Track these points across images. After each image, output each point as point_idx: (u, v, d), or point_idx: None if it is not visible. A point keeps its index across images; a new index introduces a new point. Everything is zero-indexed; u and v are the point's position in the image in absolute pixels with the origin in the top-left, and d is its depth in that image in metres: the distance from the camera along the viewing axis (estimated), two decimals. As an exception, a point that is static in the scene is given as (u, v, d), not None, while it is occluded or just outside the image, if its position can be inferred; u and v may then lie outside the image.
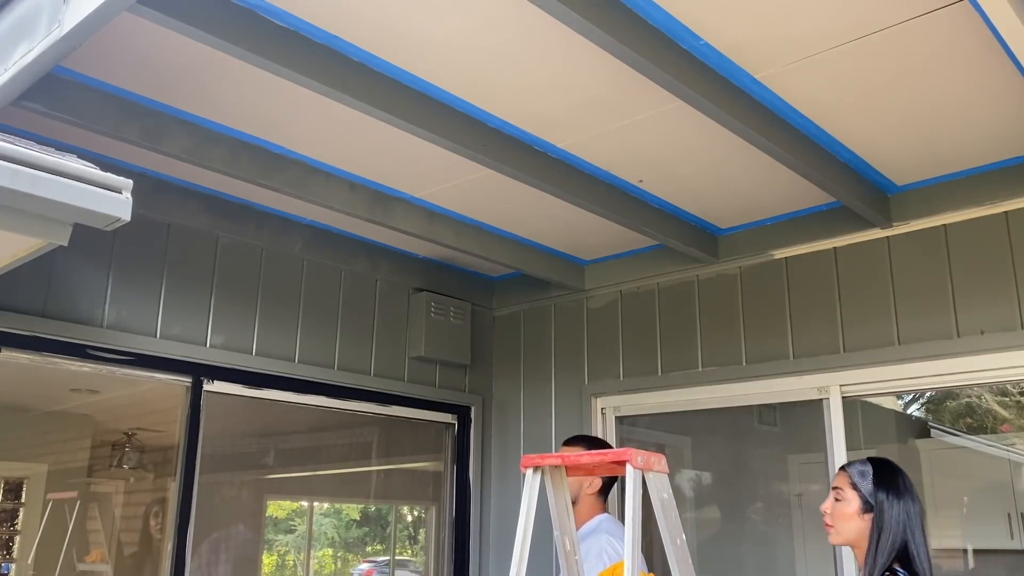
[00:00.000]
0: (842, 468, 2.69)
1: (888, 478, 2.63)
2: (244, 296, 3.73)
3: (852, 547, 2.66)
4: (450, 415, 4.52)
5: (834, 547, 3.36)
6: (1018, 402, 5.50)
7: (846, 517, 2.60)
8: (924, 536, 2.54)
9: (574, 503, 3.30)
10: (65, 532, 4.77)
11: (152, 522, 4.47)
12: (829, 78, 2.57)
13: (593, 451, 2.46)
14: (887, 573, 2.46)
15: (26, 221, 1.76)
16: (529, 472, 2.57)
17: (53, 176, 1.71)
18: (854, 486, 2.62)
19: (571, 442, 3.49)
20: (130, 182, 1.82)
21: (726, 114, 2.57)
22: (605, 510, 3.44)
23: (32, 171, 1.68)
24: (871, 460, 2.67)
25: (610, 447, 3.63)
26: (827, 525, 2.65)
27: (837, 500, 2.64)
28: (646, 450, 2.44)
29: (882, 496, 2.57)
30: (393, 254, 4.25)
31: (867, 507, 2.57)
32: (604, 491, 3.33)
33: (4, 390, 4.07)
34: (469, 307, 4.52)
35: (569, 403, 4.30)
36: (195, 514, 3.44)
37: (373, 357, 4.19)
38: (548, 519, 2.65)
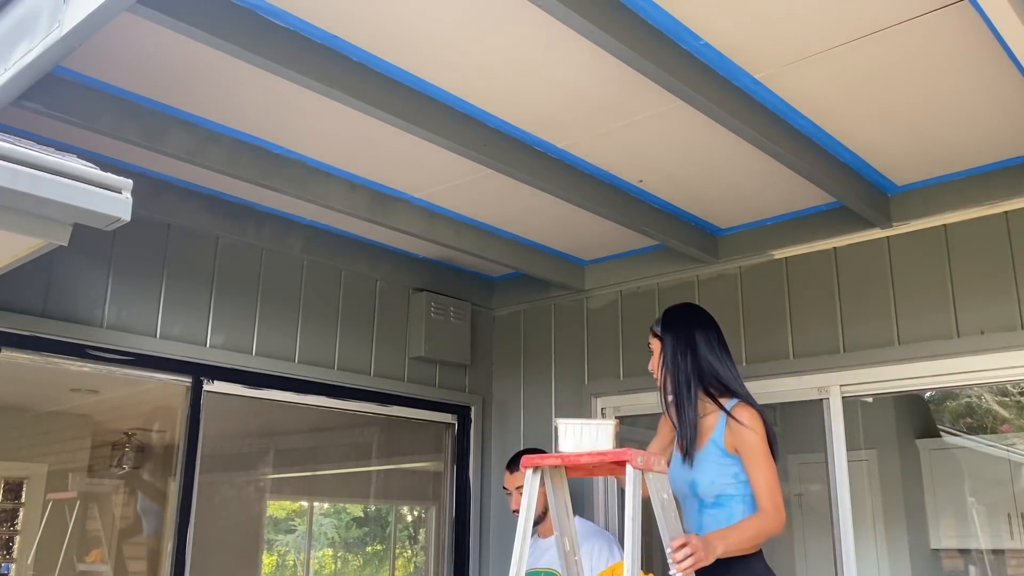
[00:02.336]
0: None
1: (671, 316, 2.91)
2: (244, 296, 3.73)
3: None
4: (450, 415, 4.52)
5: (834, 546, 3.36)
6: (1018, 402, 5.50)
7: (659, 364, 2.87)
8: (723, 354, 2.80)
9: (544, 513, 3.36)
10: (65, 532, 4.77)
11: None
12: (829, 78, 2.57)
13: (593, 451, 2.46)
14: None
15: (26, 221, 1.76)
16: (529, 472, 2.57)
17: (53, 176, 1.71)
18: (654, 333, 2.92)
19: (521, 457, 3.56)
20: (130, 182, 1.82)
21: (726, 114, 2.57)
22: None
23: (32, 171, 1.68)
24: (668, 308, 2.97)
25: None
26: (657, 381, 2.90)
27: (651, 352, 2.92)
28: (646, 450, 2.45)
29: (668, 329, 2.85)
30: (393, 254, 4.25)
31: (663, 344, 2.86)
32: None
33: (4, 390, 4.07)
34: (469, 307, 4.52)
35: (569, 403, 4.30)
36: (195, 514, 3.44)
37: (373, 357, 4.19)
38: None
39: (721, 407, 2.70)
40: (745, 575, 2.57)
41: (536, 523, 3.44)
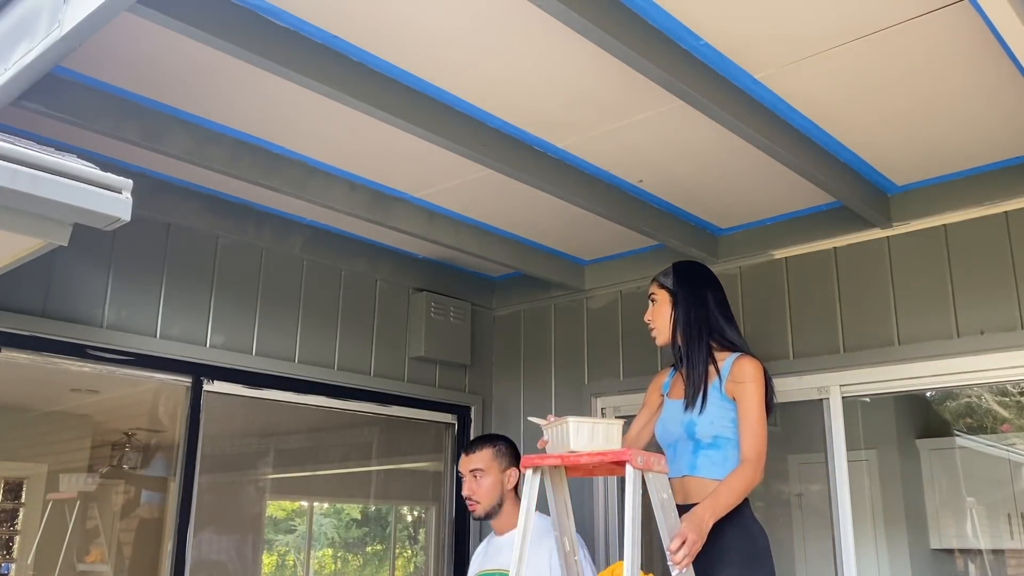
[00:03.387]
0: (652, 279, 3.01)
1: (685, 271, 2.97)
2: (244, 296, 3.73)
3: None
4: (450, 415, 4.52)
5: (834, 546, 3.36)
6: (1018, 402, 5.50)
7: (662, 314, 2.94)
8: (728, 311, 2.92)
9: (500, 505, 3.23)
10: (65, 532, 4.77)
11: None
12: (829, 78, 2.57)
13: (592, 451, 2.46)
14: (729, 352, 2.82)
15: (26, 221, 1.76)
16: (529, 472, 2.57)
17: (53, 176, 1.71)
18: (660, 285, 2.96)
19: (477, 445, 3.38)
20: (130, 182, 1.82)
21: (726, 114, 2.57)
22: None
23: (32, 171, 1.68)
24: (675, 263, 3.02)
25: (513, 444, 3.43)
26: (651, 330, 2.97)
27: (653, 303, 2.96)
28: (646, 450, 2.46)
29: (680, 284, 2.92)
30: (393, 254, 4.25)
31: (673, 299, 2.93)
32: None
33: (4, 390, 4.07)
34: (469, 307, 4.52)
35: (569, 403, 4.30)
36: (195, 514, 3.44)
37: (373, 357, 4.19)
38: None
39: (724, 358, 2.81)
40: (738, 525, 2.61)
41: (488, 517, 3.27)
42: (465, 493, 3.31)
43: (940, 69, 2.52)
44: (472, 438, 3.50)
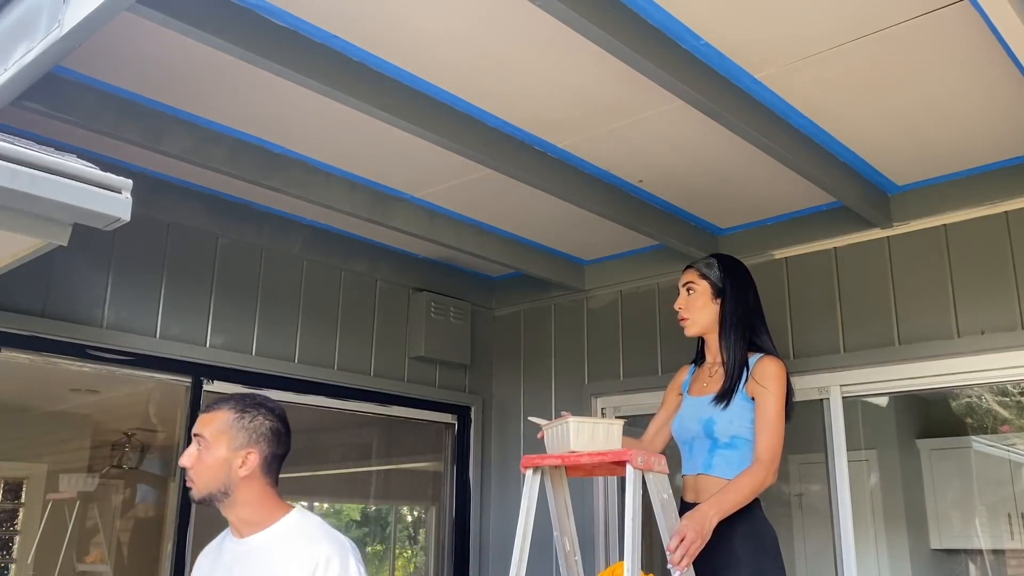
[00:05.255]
0: (688, 267, 2.93)
1: (732, 266, 2.90)
2: (244, 296, 3.73)
3: (707, 335, 2.91)
4: (450, 415, 4.52)
5: (834, 546, 3.35)
6: (1018, 402, 5.50)
7: (699, 307, 2.86)
8: (762, 316, 2.88)
9: (226, 494, 2.10)
10: (65, 532, 4.76)
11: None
12: (829, 78, 2.57)
13: (593, 451, 2.45)
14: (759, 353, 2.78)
15: (26, 221, 1.76)
16: (529, 472, 2.57)
17: (53, 176, 1.70)
18: (703, 276, 2.87)
19: (217, 404, 2.16)
20: (130, 182, 1.82)
21: (726, 114, 2.57)
22: (289, 505, 2.17)
23: (32, 171, 1.68)
24: (713, 255, 2.96)
25: (276, 416, 2.18)
26: (682, 319, 2.89)
27: (690, 292, 2.88)
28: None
29: (728, 279, 2.85)
30: (393, 254, 4.25)
31: (717, 292, 2.84)
32: (271, 473, 2.16)
33: (4, 390, 4.07)
34: (469, 307, 4.52)
35: (569, 403, 4.30)
36: (195, 514, 3.44)
37: (373, 357, 4.19)
38: (548, 519, 2.65)
39: (750, 357, 2.78)
40: (748, 525, 2.58)
41: (208, 503, 2.14)
42: (182, 463, 2.17)
43: (940, 69, 2.52)
44: (224, 395, 2.30)
